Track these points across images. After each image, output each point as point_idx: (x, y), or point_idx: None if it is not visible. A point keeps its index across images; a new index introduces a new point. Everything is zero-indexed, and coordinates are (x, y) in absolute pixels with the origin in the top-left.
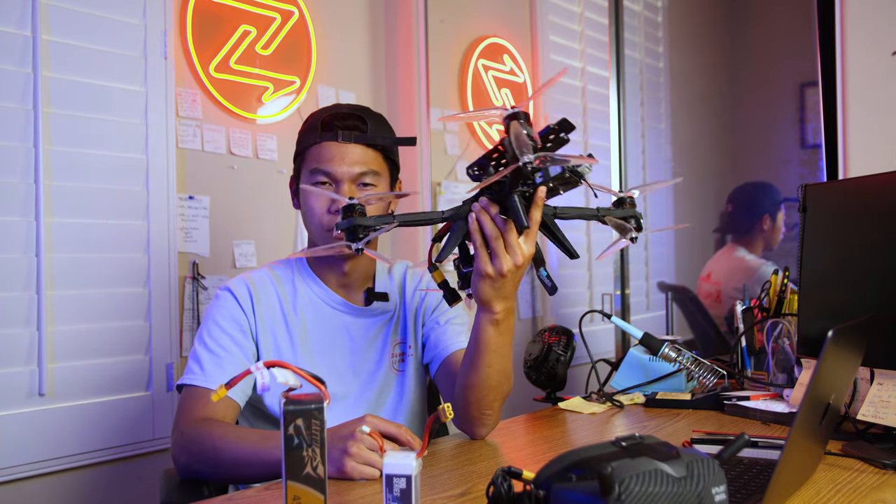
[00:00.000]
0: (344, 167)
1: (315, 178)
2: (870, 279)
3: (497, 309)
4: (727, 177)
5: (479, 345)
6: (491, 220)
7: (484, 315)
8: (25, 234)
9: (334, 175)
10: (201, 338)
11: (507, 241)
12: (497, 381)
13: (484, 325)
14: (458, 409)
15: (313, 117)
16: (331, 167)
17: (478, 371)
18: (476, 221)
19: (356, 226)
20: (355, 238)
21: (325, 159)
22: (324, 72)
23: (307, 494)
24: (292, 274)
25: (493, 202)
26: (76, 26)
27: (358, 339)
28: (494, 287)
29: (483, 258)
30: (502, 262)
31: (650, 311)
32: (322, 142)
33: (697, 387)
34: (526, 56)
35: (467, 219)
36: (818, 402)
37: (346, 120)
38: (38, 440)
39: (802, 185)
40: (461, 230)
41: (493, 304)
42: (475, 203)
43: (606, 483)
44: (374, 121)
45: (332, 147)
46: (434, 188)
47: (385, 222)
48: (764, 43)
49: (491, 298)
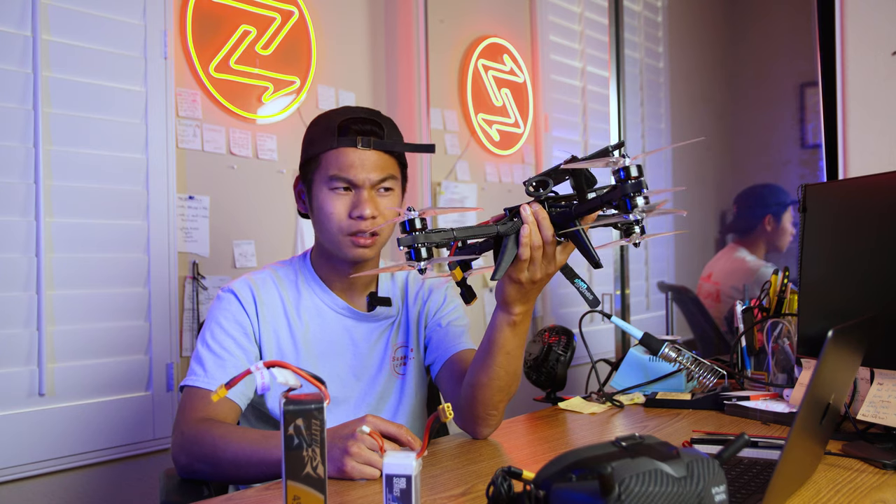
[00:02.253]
0: (364, 174)
1: (333, 183)
2: (870, 279)
3: (517, 311)
4: (727, 177)
5: (493, 345)
6: (539, 232)
7: (502, 315)
8: (25, 234)
9: (355, 182)
10: (204, 339)
11: (546, 251)
12: (506, 381)
13: (501, 326)
14: (464, 407)
15: (325, 120)
16: (351, 174)
17: (488, 370)
18: (530, 233)
19: (420, 243)
20: (418, 255)
21: (345, 166)
22: (324, 72)
23: (307, 494)
24: (295, 276)
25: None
26: (76, 26)
27: (360, 343)
28: (522, 291)
29: (520, 265)
30: (537, 270)
31: (650, 311)
32: (340, 147)
33: (697, 387)
34: (526, 56)
35: (517, 233)
36: (818, 402)
37: (362, 125)
38: (38, 440)
39: (802, 185)
40: (514, 245)
41: (514, 306)
42: (526, 209)
43: (606, 483)
44: (389, 125)
45: (352, 153)
46: (434, 188)
47: (446, 237)
48: (764, 43)
49: (515, 301)
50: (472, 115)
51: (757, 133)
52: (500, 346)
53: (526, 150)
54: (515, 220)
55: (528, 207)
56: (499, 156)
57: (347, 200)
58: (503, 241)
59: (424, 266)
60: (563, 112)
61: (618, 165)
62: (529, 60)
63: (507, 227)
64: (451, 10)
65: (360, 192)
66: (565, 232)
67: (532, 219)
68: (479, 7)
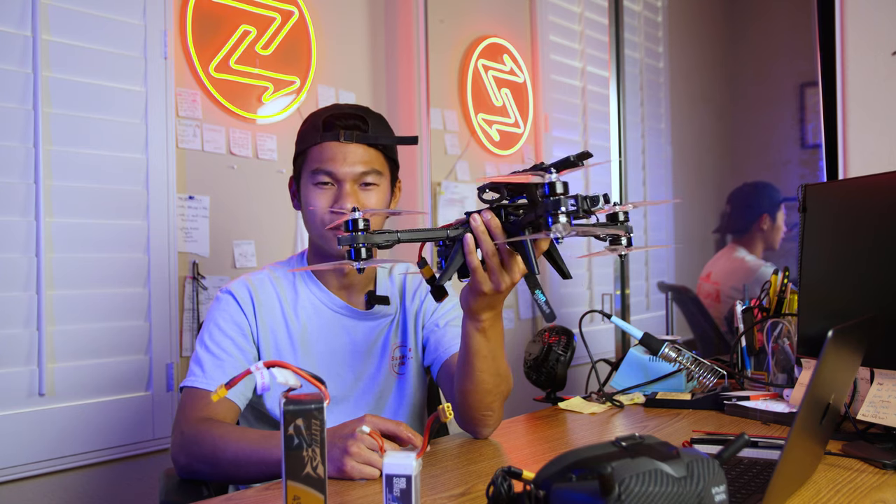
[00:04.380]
0: (346, 167)
1: (317, 178)
2: (870, 279)
3: (483, 317)
4: (727, 177)
5: (469, 351)
6: (490, 240)
7: (470, 323)
8: (25, 234)
9: (336, 175)
10: (202, 340)
11: (504, 259)
12: (492, 384)
13: (471, 333)
14: (459, 411)
15: (313, 117)
16: (333, 167)
17: (470, 376)
18: (472, 241)
19: (360, 244)
20: (357, 255)
21: (326, 159)
22: (324, 72)
23: (307, 494)
24: (293, 276)
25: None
26: (76, 26)
27: (358, 343)
28: (486, 300)
29: (480, 277)
30: (500, 280)
31: (650, 311)
32: (323, 142)
33: (697, 387)
34: (526, 56)
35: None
36: (818, 402)
37: (347, 119)
38: (38, 440)
39: (802, 185)
40: (462, 255)
41: (480, 314)
42: (476, 218)
43: (606, 483)
44: (375, 120)
45: (334, 147)
46: (434, 188)
47: (388, 240)
48: (764, 43)
49: (481, 310)
50: (472, 115)
51: (757, 133)
52: (476, 352)
53: (526, 150)
54: (467, 224)
55: (477, 217)
56: (499, 156)
57: (330, 194)
58: (455, 246)
59: (363, 266)
60: (563, 112)
61: (544, 180)
62: (529, 60)
63: (459, 231)
64: (451, 10)
65: (343, 185)
66: (511, 241)
67: (482, 227)
68: (479, 7)
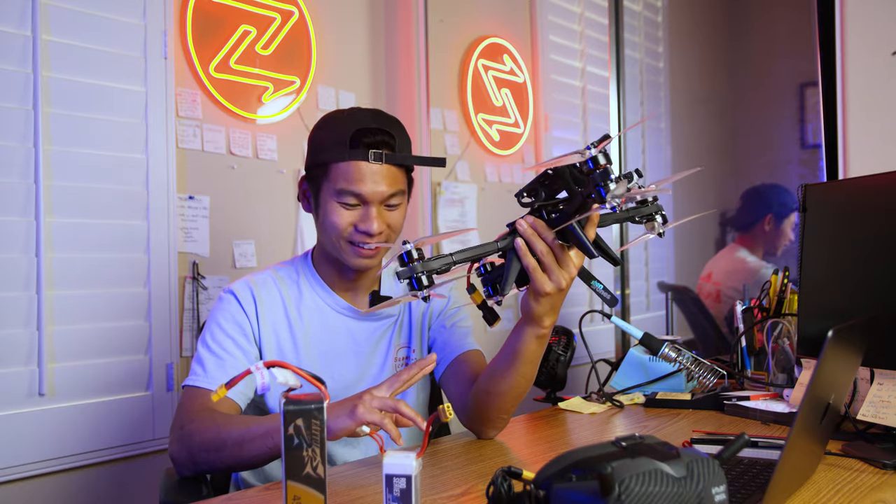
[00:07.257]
0: (375, 189)
1: (343, 198)
2: (870, 279)
3: (547, 324)
4: (727, 177)
5: (518, 356)
6: (541, 239)
7: (531, 329)
8: (25, 234)
9: (365, 197)
10: (204, 340)
11: (558, 256)
12: (524, 388)
13: (528, 339)
14: (474, 410)
15: (336, 126)
16: (361, 189)
17: (508, 379)
18: (525, 244)
19: (419, 273)
20: (420, 284)
21: (354, 180)
22: (324, 72)
23: (307, 494)
24: (297, 276)
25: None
26: (76, 26)
27: (362, 343)
28: (550, 302)
29: (540, 278)
30: (560, 277)
31: (650, 311)
32: (350, 160)
33: (697, 387)
34: (526, 56)
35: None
36: (818, 402)
37: (374, 136)
38: (38, 440)
39: (802, 185)
40: (517, 260)
41: (544, 320)
42: (522, 224)
43: (606, 483)
44: (399, 133)
45: (363, 168)
46: (434, 188)
47: (444, 264)
48: (764, 43)
49: (545, 314)
50: (472, 115)
51: (757, 133)
52: (525, 357)
53: (526, 151)
54: (513, 236)
55: (523, 222)
56: (499, 156)
57: (356, 214)
58: (507, 257)
59: (428, 294)
60: (563, 112)
61: (585, 157)
62: (529, 60)
63: (507, 241)
64: (451, 10)
65: (370, 208)
66: (559, 229)
67: (530, 231)
68: (479, 7)
